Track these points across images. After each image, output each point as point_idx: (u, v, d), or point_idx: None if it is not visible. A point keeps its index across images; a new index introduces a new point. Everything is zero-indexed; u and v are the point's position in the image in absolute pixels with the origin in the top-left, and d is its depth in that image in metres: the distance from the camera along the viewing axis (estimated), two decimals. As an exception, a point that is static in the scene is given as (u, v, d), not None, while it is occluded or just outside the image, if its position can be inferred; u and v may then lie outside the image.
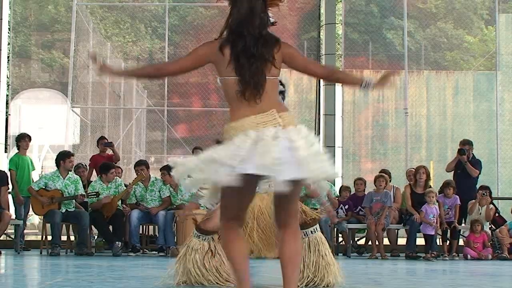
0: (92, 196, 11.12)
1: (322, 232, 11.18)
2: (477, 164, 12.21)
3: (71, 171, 11.31)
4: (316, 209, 10.40)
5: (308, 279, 5.97)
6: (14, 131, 15.17)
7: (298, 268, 4.17)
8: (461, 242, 11.83)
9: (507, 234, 11.54)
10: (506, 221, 11.92)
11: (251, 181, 3.94)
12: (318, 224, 6.24)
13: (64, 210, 10.98)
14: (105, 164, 11.69)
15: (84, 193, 11.13)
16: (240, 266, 4.11)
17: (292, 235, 4.13)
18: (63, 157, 11.29)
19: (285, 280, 4.08)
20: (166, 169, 11.56)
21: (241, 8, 4.11)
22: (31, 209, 11.56)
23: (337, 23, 15.68)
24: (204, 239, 5.99)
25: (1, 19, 15.39)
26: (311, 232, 6.06)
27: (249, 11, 4.11)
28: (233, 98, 4.08)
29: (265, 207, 5.99)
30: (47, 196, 10.95)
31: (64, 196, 10.99)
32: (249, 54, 4.05)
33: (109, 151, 12.58)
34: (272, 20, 4.26)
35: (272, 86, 4.11)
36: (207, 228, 5.93)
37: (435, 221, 11.18)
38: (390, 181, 12.21)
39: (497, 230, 11.61)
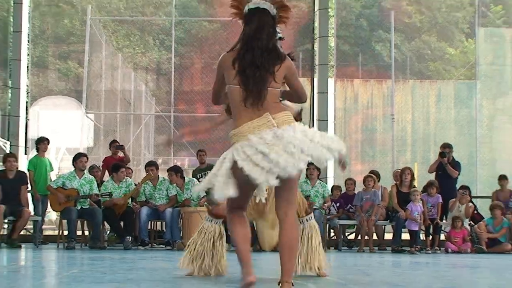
0: (106, 196, 11.17)
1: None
2: (456, 165, 12.25)
3: (83, 170, 11.34)
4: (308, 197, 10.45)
5: (300, 265, 6.09)
6: (33, 135, 15.18)
7: (295, 255, 4.29)
8: (442, 237, 11.86)
9: (485, 230, 11.57)
10: (484, 218, 11.95)
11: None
12: (312, 213, 6.36)
13: (79, 208, 11.01)
14: (115, 164, 11.74)
15: (98, 193, 11.18)
16: (243, 246, 4.26)
17: (291, 225, 4.25)
18: (75, 158, 11.39)
19: (283, 265, 4.21)
20: (173, 170, 11.64)
21: (252, 24, 4.26)
22: (49, 206, 11.61)
23: (330, 36, 15.71)
24: (216, 223, 6.14)
25: (21, 31, 15.40)
26: (307, 220, 6.20)
27: (258, 26, 4.26)
28: (236, 105, 4.21)
29: None
30: (64, 194, 11.00)
31: (80, 194, 11.03)
32: (254, 65, 4.18)
33: (121, 153, 12.61)
34: (280, 35, 4.37)
35: (271, 95, 4.23)
36: (217, 213, 6.09)
37: (419, 217, 11.23)
38: (378, 181, 12.25)
39: (476, 225, 11.65)
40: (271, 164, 3.99)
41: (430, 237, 11.62)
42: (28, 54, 15.86)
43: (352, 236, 12.61)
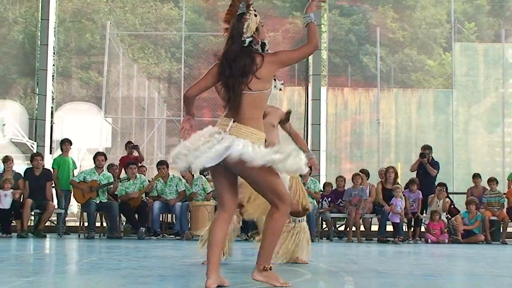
0: (125, 180, 11.14)
1: (309, 220, 11.26)
2: (435, 165, 12.23)
3: (101, 167, 11.32)
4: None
5: (287, 256, 6.05)
6: (57, 137, 15.18)
7: (275, 243, 4.09)
8: (422, 229, 11.83)
9: (460, 222, 11.54)
10: (459, 212, 11.92)
11: (216, 169, 3.98)
12: (305, 216, 6.28)
13: (98, 201, 10.99)
14: (127, 162, 11.75)
15: (117, 180, 11.17)
16: (212, 250, 4.05)
17: (275, 215, 4.03)
18: (95, 156, 11.42)
19: (261, 246, 4.08)
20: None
21: (229, 33, 4.10)
22: (73, 199, 11.61)
23: (322, 49, 15.69)
24: None
25: (47, 44, 15.42)
26: (299, 220, 6.13)
27: (230, 34, 4.09)
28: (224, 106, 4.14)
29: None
30: (87, 186, 10.99)
31: (101, 184, 11.00)
32: (226, 75, 4.02)
33: (136, 153, 12.58)
34: (249, 39, 4.05)
35: (251, 100, 4.02)
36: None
37: (401, 211, 11.19)
38: (368, 178, 12.23)
39: (453, 218, 11.62)
40: (189, 151, 3.91)
41: (412, 229, 11.60)
42: (53, 65, 15.88)
43: (342, 228, 12.58)
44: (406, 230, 11.56)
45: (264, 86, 4.05)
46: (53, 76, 15.81)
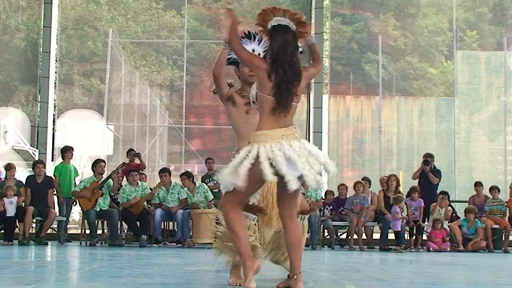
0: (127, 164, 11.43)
1: (310, 226, 11.22)
2: (437, 173, 12.24)
3: (102, 173, 11.32)
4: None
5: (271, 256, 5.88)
6: (59, 144, 15.21)
7: (301, 251, 4.31)
8: (424, 237, 11.82)
9: (457, 230, 11.53)
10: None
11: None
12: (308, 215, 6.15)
13: (98, 209, 10.99)
14: (129, 170, 11.76)
15: (119, 167, 11.36)
16: (242, 238, 4.23)
17: (295, 226, 4.29)
18: (95, 163, 11.42)
19: (293, 261, 4.27)
20: (186, 175, 11.66)
21: (278, 41, 4.22)
22: (73, 207, 11.60)
23: (324, 57, 15.72)
24: (248, 218, 5.70)
25: (50, 52, 15.48)
26: (301, 219, 5.96)
27: (283, 43, 4.21)
28: (265, 111, 4.20)
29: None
30: (89, 190, 11.00)
31: (102, 181, 11.02)
32: (287, 80, 4.18)
33: (137, 161, 12.59)
34: (301, 49, 4.33)
35: (292, 109, 4.26)
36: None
37: (402, 217, 11.24)
38: (369, 186, 12.23)
39: (452, 223, 11.62)
40: (295, 171, 4.05)
41: (414, 237, 11.59)
42: (55, 72, 15.93)
43: (344, 236, 12.57)
44: (408, 238, 11.56)
45: (298, 98, 4.31)
46: (55, 83, 15.86)
